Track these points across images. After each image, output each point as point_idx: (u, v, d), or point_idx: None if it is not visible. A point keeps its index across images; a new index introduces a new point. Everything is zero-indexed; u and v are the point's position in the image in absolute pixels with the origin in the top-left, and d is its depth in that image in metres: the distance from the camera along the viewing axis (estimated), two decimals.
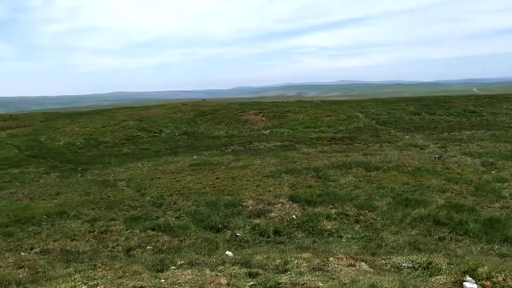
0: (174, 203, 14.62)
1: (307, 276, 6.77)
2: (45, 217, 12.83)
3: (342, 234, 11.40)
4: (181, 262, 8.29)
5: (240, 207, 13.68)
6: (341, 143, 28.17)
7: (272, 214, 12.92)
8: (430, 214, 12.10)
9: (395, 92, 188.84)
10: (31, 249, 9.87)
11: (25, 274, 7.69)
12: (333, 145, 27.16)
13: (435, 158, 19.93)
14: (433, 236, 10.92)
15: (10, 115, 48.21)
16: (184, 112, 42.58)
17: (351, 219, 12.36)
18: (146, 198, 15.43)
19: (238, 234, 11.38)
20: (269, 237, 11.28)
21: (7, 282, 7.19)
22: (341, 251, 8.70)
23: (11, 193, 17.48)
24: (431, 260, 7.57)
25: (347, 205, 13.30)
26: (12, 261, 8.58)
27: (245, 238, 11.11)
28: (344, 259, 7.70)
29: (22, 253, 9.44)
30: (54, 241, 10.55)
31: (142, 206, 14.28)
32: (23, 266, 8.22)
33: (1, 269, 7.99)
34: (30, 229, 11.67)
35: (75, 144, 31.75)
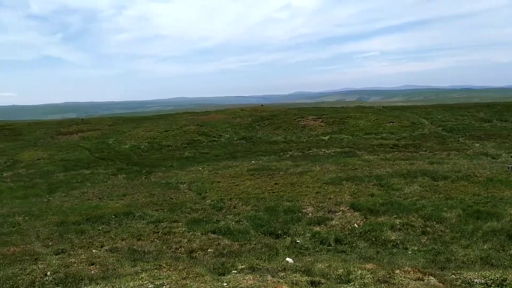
0: (234, 207, 14.78)
1: None
2: (113, 216, 13.46)
3: (408, 246, 10.91)
4: (242, 266, 8.33)
5: (300, 213, 13.55)
6: (404, 150, 27.17)
7: (333, 222, 12.67)
8: (504, 228, 11.28)
9: (462, 98, 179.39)
10: (101, 246, 10.37)
11: (96, 271, 8.07)
12: (396, 153, 26.25)
13: (508, 168, 18.62)
14: (506, 251, 10.16)
15: (82, 119, 51.28)
16: (242, 117, 43.13)
17: (417, 231, 11.81)
18: (207, 201, 15.73)
19: (298, 241, 11.26)
20: (330, 245, 11.05)
21: (80, 278, 7.59)
22: (407, 263, 8.33)
23: (83, 192, 18.56)
24: (505, 276, 7.05)
25: (412, 216, 12.74)
26: (85, 257, 9.05)
27: (305, 246, 10.97)
28: (411, 272, 7.35)
29: (94, 250, 9.93)
30: (122, 240, 11.02)
31: (203, 209, 14.57)
32: (94, 263, 8.64)
33: (75, 265, 8.44)
34: (100, 228, 12.28)
35: (140, 147, 33.14)
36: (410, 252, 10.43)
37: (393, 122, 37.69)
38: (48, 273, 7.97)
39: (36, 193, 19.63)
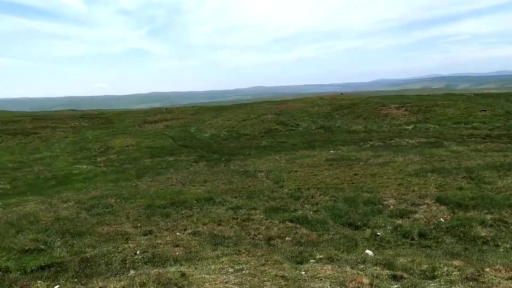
0: (312, 197, 14.68)
1: (458, 286, 6.18)
2: (195, 202, 14.03)
3: (499, 243, 10.11)
4: (320, 256, 8.27)
5: (380, 205, 13.11)
6: (498, 141, 25.09)
7: (417, 215, 12.09)
8: None
9: None
10: (185, 230, 10.88)
11: (180, 252, 8.50)
12: (488, 143, 24.34)
13: None
14: None
15: (166, 108, 53.93)
16: (320, 106, 42.56)
17: (511, 227, 10.90)
18: (284, 190, 15.80)
19: (378, 234, 10.91)
20: (413, 239, 10.57)
21: (166, 258, 8.05)
22: (499, 261, 7.71)
23: (167, 178, 19.57)
24: None
25: (505, 211, 11.76)
26: (170, 239, 9.56)
27: (386, 238, 10.60)
28: (503, 271, 6.80)
29: (177, 233, 10.45)
30: (204, 224, 11.46)
31: (281, 198, 14.66)
32: (178, 245, 9.10)
33: (161, 246, 8.97)
34: (183, 212, 12.88)
35: (219, 136, 34.15)
36: (501, 250, 9.66)
37: (485, 110, 34.93)
38: (138, 252, 8.55)
39: (125, 177, 21.07)
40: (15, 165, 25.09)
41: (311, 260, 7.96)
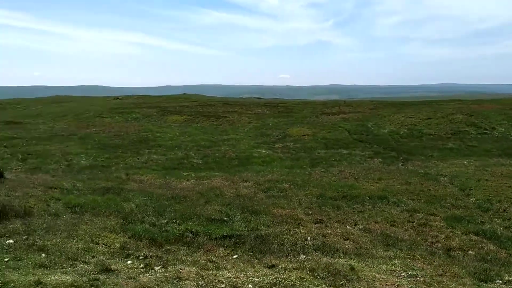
0: (504, 210, 12.79)
1: None
2: (368, 198, 13.65)
3: None
4: (509, 278, 7.15)
5: None
6: None
7: None
8: None
9: None
10: (355, 224, 10.69)
11: (350, 246, 8.39)
12: None
13: None
14: None
15: (345, 101, 53.64)
16: None
17: None
18: (471, 199, 14.14)
19: None
20: None
21: (336, 249, 8.03)
22: None
23: (340, 171, 19.52)
24: None
25: None
26: (340, 231, 9.53)
27: None
28: None
29: (348, 227, 10.34)
30: (375, 222, 11.07)
31: (466, 207, 13.17)
32: (348, 239, 9.00)
33: (331, 236, 9.00)
34: (354, 207, 12.68)
35: (398, 133, 32.43)
36: None
37: None
38: (308, 238, 8.74)
39: (300, 165, 21.77)
40: (206, 143, 28.38)
41: (498, 281, 6.96)
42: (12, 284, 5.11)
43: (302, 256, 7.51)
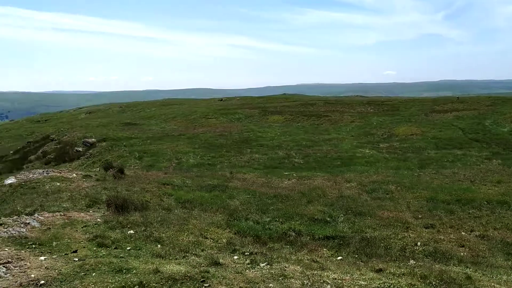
0: None
1: None
2: (485, 202, 12.47)
3: None
4: None
5: None
6: None
7: None
8: None
9: None
10: (471, 231, 9.82)
11: (465, 254, 7.73)
12: None
13: None
14: None
15: (458, 97, 49.80)
16: None
17: None
18: None
19: None
20: None
21: (449, 256, 7.46)
22: None
23: (453, 172, 18.12)
24: None
25: None
26: (454, 237, 8.83)
27: None
28: None
29: (463, 233, 9.54)
30: (494, 229, 10.07)
31: None
32: (463, 245, 8.30)
33: (444, 243, 8.38)
34: (470, 211, 11.66)
35: None
36: None
37: None
38: (418, 244, 8.24)
39: (407, 166, 20.66)
40: (308, 143, 28.31)
41: None
42: (134, 271, 5.59)
43: (411, 261, 7.10)
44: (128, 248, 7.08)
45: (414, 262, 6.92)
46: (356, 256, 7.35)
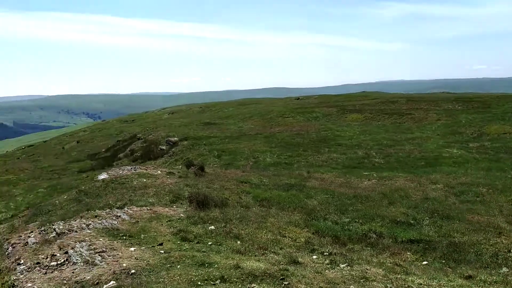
0: None
1: None
2: None
3: None
4: None
5: None
6: None
7: None
8: None
9: None
10: None
11: None
12: None
13: None
14: None
15: None
16: None
17: None
18: None
19: None
20: None
21: None
22: None
23: None
24: None
25: None
26: None
27: None
28: None
29: None
30: None
31: None
32: None
33: None
34: None
35: None
36: None
37: None
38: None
39: (499, 167, 19.10)
40: (389, 142, 27.22)
41: None
42: (216, 265, 5.77)
43: (504, 269, 6.54)
44: (210, 243, 7.32)
45: (507, 270, 6.36)
46: (443, 261, 6.92)
